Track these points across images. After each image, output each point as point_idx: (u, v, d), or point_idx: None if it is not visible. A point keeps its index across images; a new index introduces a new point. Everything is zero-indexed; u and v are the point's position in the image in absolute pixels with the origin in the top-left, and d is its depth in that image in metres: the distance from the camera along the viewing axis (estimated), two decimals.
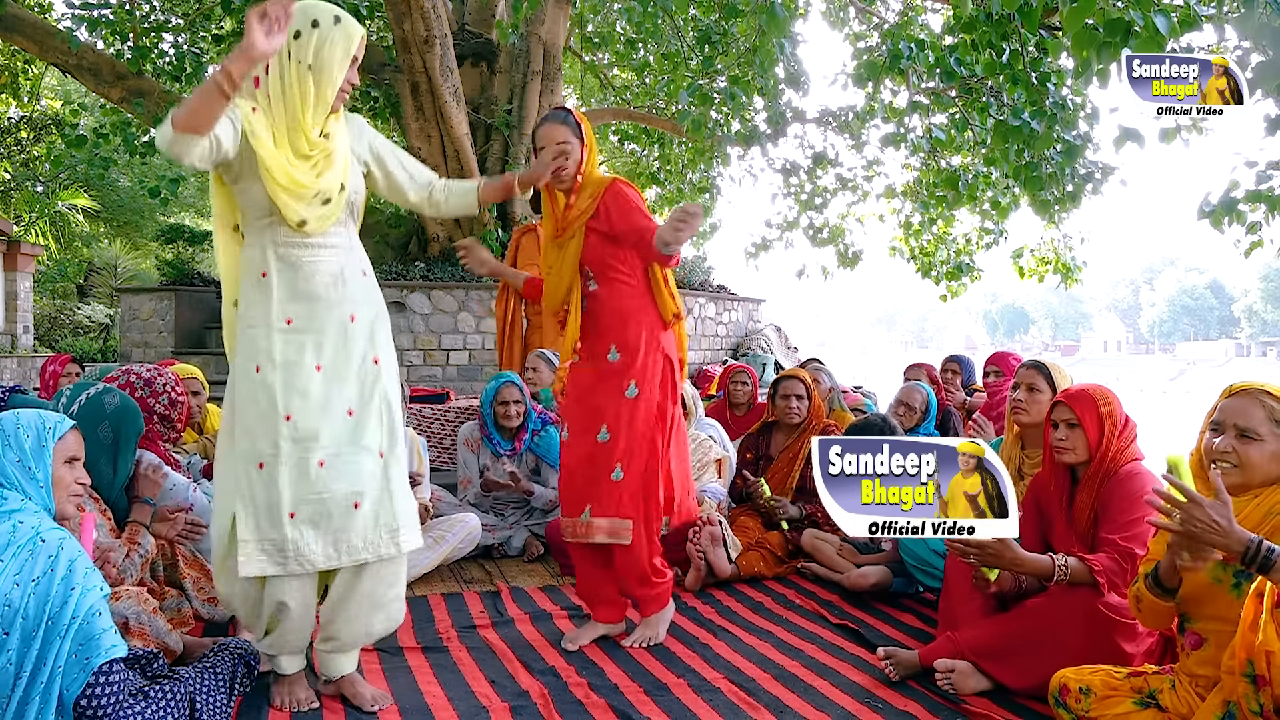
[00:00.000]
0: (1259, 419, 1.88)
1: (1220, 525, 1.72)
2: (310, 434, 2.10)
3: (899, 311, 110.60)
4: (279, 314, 2.13)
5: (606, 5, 9.89)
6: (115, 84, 7.60)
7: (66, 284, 16.68)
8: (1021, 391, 2.91)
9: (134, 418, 2.62)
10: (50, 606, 1.71)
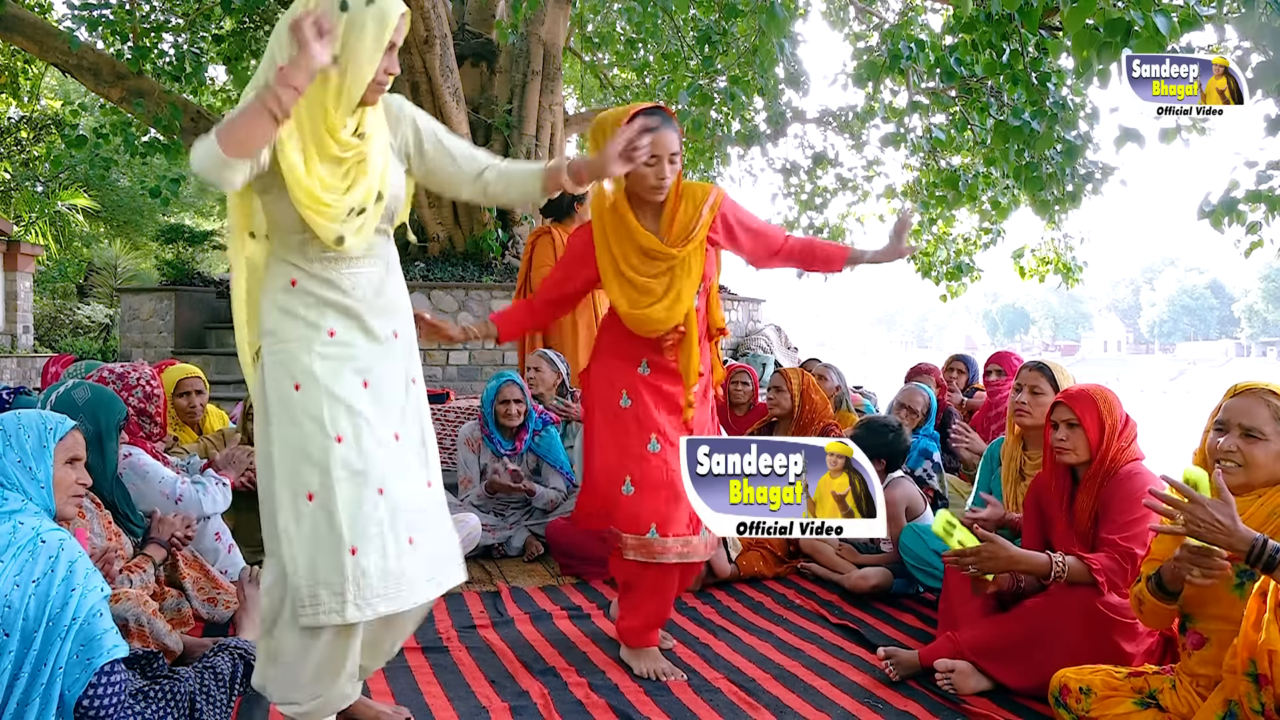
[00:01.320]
0: (1264, 418, 1.88)
1: (1224, 524, 1.71)
2: (363, 459, 1.83)
3: (899, 311, 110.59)
4: (317, 328, 1.86)
5: (606, 5, 9.90)
6: (115, 84, 7.60)
7: (66, 284, 16.68)
8: (1025, 394, 2.91)
9: (109, 405, 2.57)
10: (51, 607, 1.71)
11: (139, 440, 2.89)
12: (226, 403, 5.80)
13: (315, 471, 1.79)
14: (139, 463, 2.81)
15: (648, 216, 2.52)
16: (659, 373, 2.59)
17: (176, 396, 3.88)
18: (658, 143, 2.34)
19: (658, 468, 2.50)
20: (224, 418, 4.36)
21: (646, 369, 2.59)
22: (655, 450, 2.51)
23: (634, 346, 2.59)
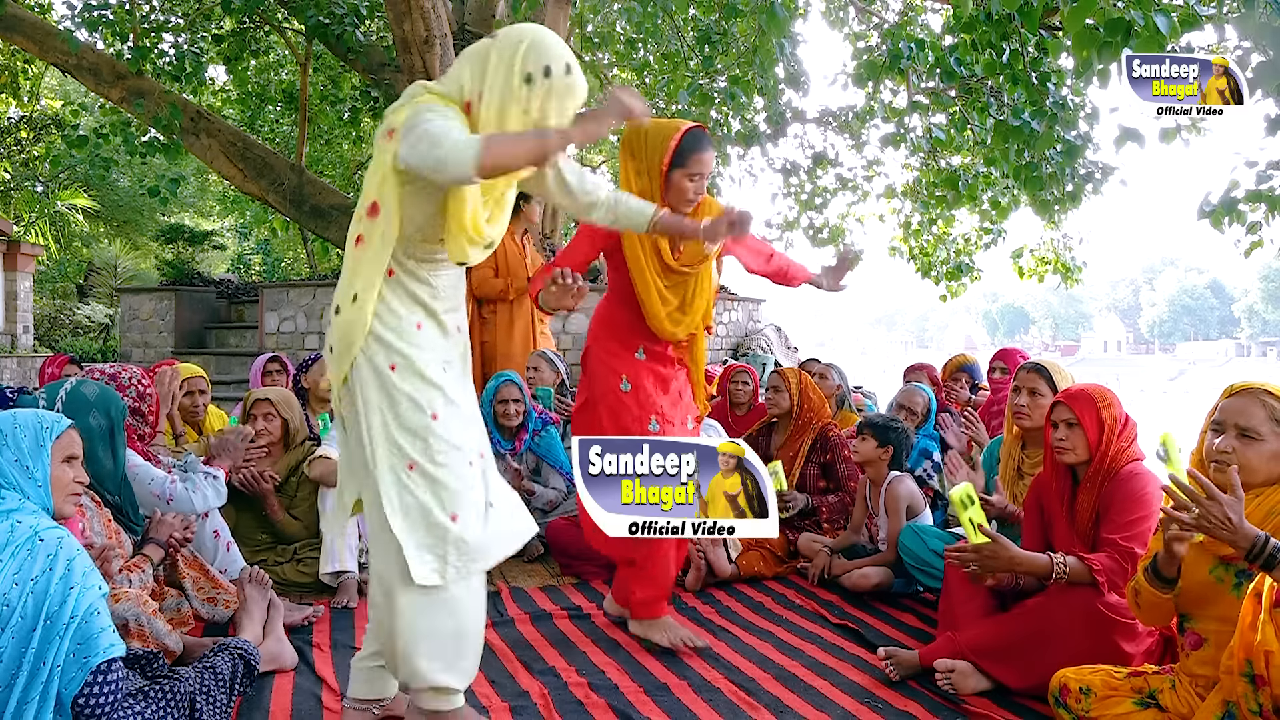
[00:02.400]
0: (1260, 419, 1.88)
1: (1231, 521, 1.72)
2: (457, 434, 1.96)
3: (899, 311, 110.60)
4: (407, 319, 1.97)
5: (606, 5, 9.89)
6: (115, 84, 7.60)
7: (66, 284, 16.67)
8: (1023, 396, 2.91)
9: (116, 400, 2.60)
10: (49, 605, 1.71)
11: (131, 441, 2.89)
12: (226, 403, 5.81)
13: (417, 443, 1.90)
14: (130, 464, 2.80)
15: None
16: (654, 359, 2.80)
17: (181, 396, 3.88)
18: (702, 161, 2.58)
19: None
20: (224, 418, 4.36)
21: (643, 354, 2.79)
22: (655, 429, 2.69)
23: (631, 334, 2.78)
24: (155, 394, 3.04)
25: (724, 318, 10.57)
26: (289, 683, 2.44)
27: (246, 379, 7.00)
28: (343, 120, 10.06)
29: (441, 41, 6.89)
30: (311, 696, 2.36)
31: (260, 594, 2.66)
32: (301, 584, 3.27)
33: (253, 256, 15.89)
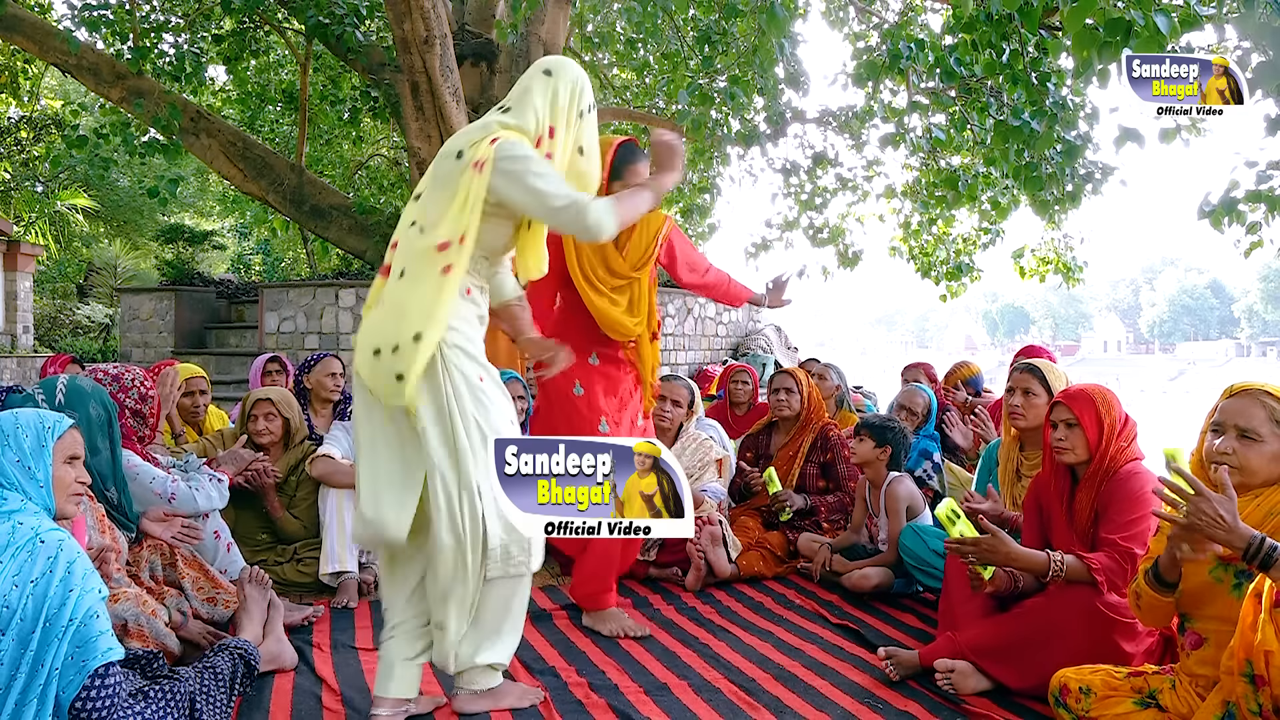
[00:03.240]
0: (1260, 419, 1.88)
1: (1225, 520, 1.72)
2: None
3: (899, 311, 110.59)
4: (477, 335, 2.19)
5: (606, 5, 9.89)
6: (115, 84, 7.60)
7: (66, 284, 16.67)
8: (1017, 396, 2.91)
9: (107, 394, 2.64)
10: (48, 608, 1.71)
11: (130, 443, 2.88)
12: (226, 403, 5.81)
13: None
14: (129, 464, 2.80)
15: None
16: (606, 363, 2.95)
17: (181, 396, 3.88)
18: (636, 172, 2.74)
19: None
20: (224, 418, 4.36)
21: (596, 359, 2.94)
22: (605, 431, 2.85)
23: (585, 339, 2.91)
24: (157, 396, 3.04)
25: (724, 318, 10.57)
26: (289, 683, 2.44)
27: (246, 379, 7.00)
28: (343, 120, 10.06)
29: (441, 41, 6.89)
30: (311, 696, 2.36)
31: (260, 594, 2.66)
32: (301, 584, 3.27)
33: (253, 256, 15.88)
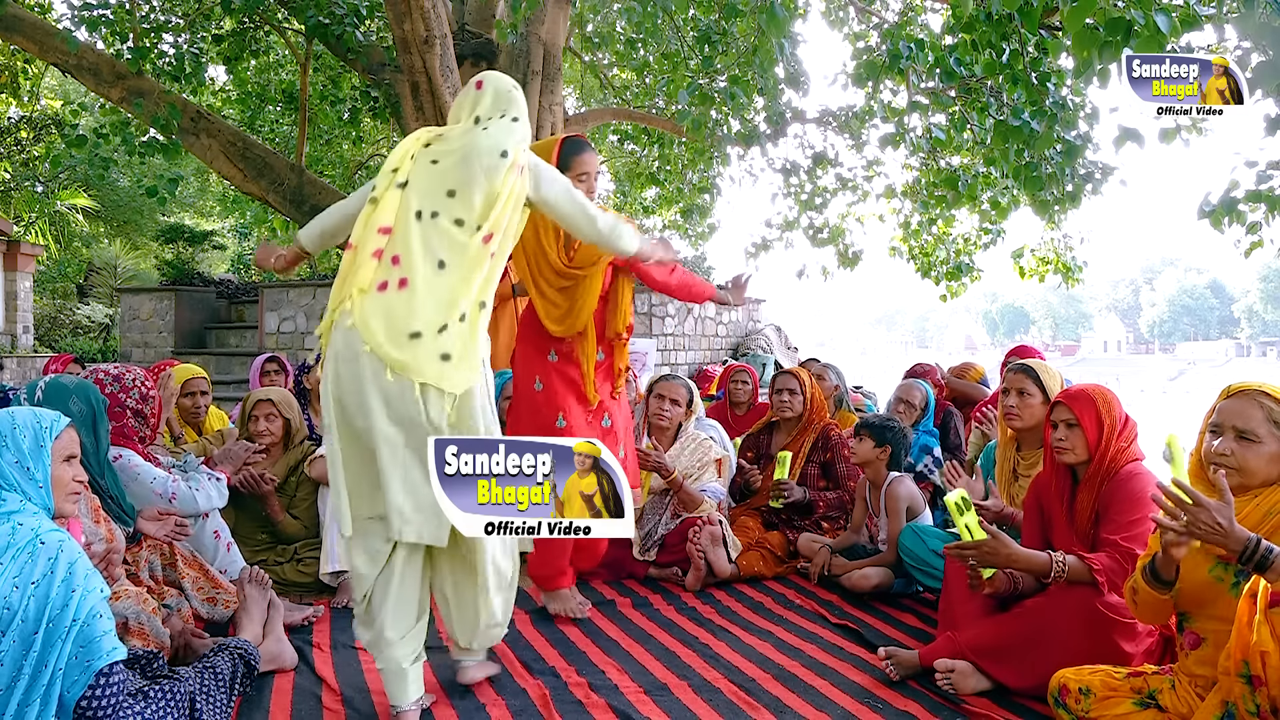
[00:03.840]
0: (1257, 420, 1.88)
1: (1222, 526, 1.72)
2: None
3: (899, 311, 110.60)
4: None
5: (606, 5, 9.88)
6: (115, 84, 7.59)
7: (66, 284, 16.67)
8: (1012, 396, 2.91)
9: (96, 389, 2.60)
10: (50, 609, 1.71)
11: (131, 443, 2.88)
12: (227, 403, 5.81)
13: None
14: (130, 464, 2.80)
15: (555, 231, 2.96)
16: (564, 361, 3.06)
17: (182, 396, 3.88)
18: (583, 162, 2.85)
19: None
20: (224, 418, 4.36)
21: (554, 356, 3.06)
22: (562, 426, 2.97)
23: (544, 338, 3.05)
24: (158, 396, 3.04)
25: (724, 318, 10.57)
26: (289, 683, 2.45)
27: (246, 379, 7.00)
28: (343, 120, 10.06)
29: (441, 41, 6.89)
30: (311, 696, 2.36)
31: (260, 594, 2.66)
32: (301, 584, 3.27)
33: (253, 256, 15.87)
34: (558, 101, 8.66)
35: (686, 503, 3.54)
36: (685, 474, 3.58)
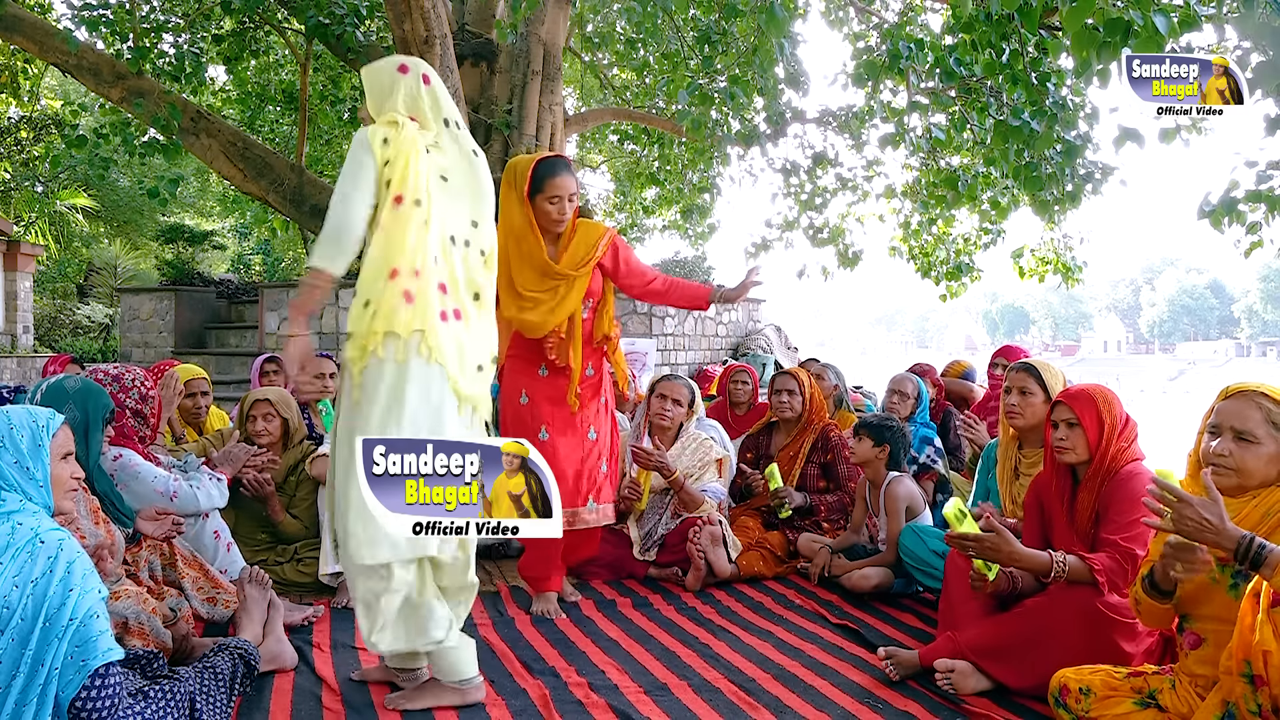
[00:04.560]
0: (1256, 421, 1.87)
1: (1212, 523, 1.72)
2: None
3: (899, 311, 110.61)
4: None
5: (606, 5, 9.89)
6: (115, 84, 7.59)
7: (66, 284, 16.67)
8: (1014, 395, 2.91)
9: (98, 396, 2.58)
10: (48, 608, 1.71)
11: (132, 443, 2.88)
12: (226, 403, 5.81)
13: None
14: (130, 464, 2.80)
15: (547, 243, 3.04)
16: (554, 374, 3.13)
17: (183, 397, 3.88)
18: (557, 185, 2.94)
19: (547, 453, 2.88)
20: (224, 418, 4.36)
21: (545, 370, 3.13)
22: (545, 438, 3.06)
23: (534, 352, 3.12)
24: (158, 396, 3.04)
25: (724, 318, 10.57)
26: (289, 683, 2.44)
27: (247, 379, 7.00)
28: (343, 120, 10.06)
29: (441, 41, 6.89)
30: (311, 696, 2.36)
31: (260, 594, 2.66)
32: (301, 584, 3.27)
33: (253, 256, 15.88)
34: (558, 101, 8.67)
35: (687, 503, 3.54)
36: (686, 474, 3.58)
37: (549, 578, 3.18)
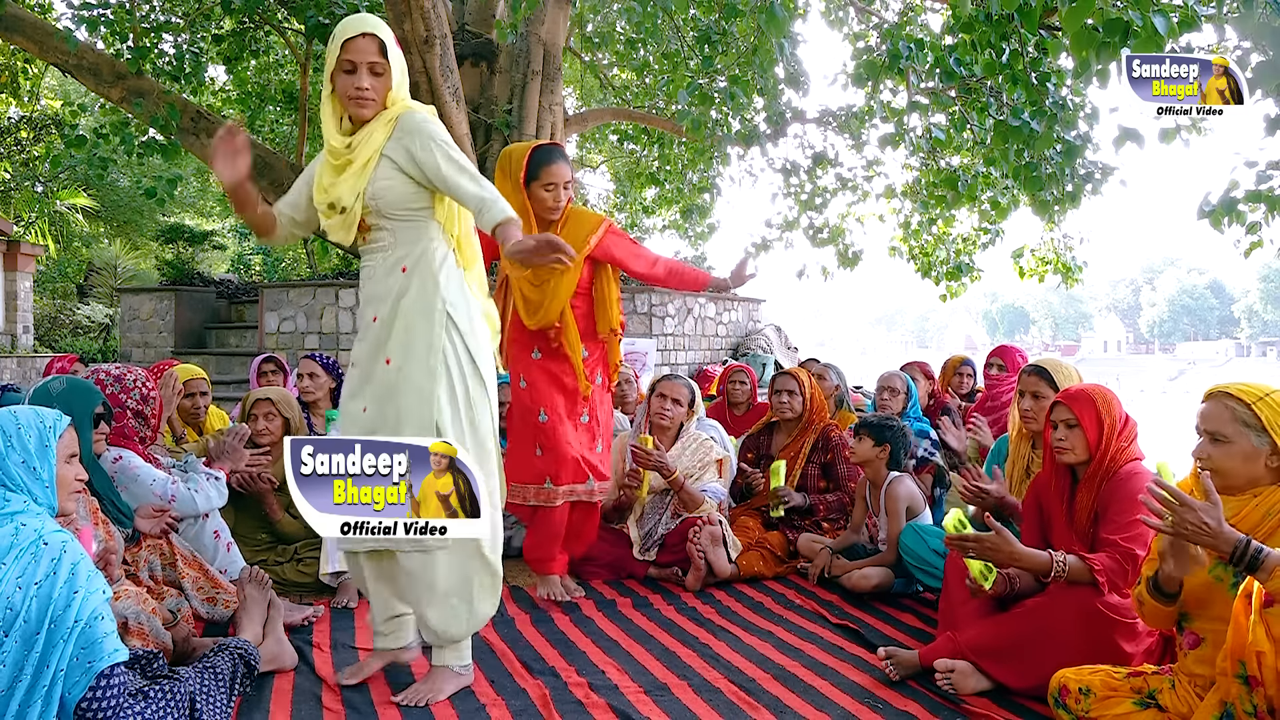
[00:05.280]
0: (1224, 420, 1.92)
1: (1210, 526, 1.73)
2: (345, 427, 2.35)
3: (899, 311, 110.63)
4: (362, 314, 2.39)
5: (606, 5, 9.89)
6: (115, 84, 7.59)
7: (66, 284, 16.68)
8: (1028, 400, 2.91)
9: (84, 396, 2.58)
10: (53, 610, 1.71)
11: (132, 444, 2.88)
12: (227, 403, 5.81)
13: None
14: (130, 465, 2.80)
15: (538, 229, 3.06)
16: (548, 357, 3.20)
17: (183, 397, 3.88)
18: (552, 172, 3.00)
19: (549, 434, 3.16)
20: (224, 418, 4.36)
21: (538, 354, 3.20)
22: (544, 420, 3.16)
23: (528, 337, 3.19)
24: (159, 397, 3.04)
25: (724, 318, 10.57)
26: (289, 683, 2.45)
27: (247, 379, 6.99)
28: None
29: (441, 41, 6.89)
30: (311, 696, 2.36)
31: (260, 594, 2.66)
32: (301, 584, 3.27)
33: (253, 256, 15.88)
34: (558, 101, 8.68)
35: (687, 503, 3.54)
36: (686, 474, 3.58)
37: (553, 559, 3.25)
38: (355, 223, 2.27)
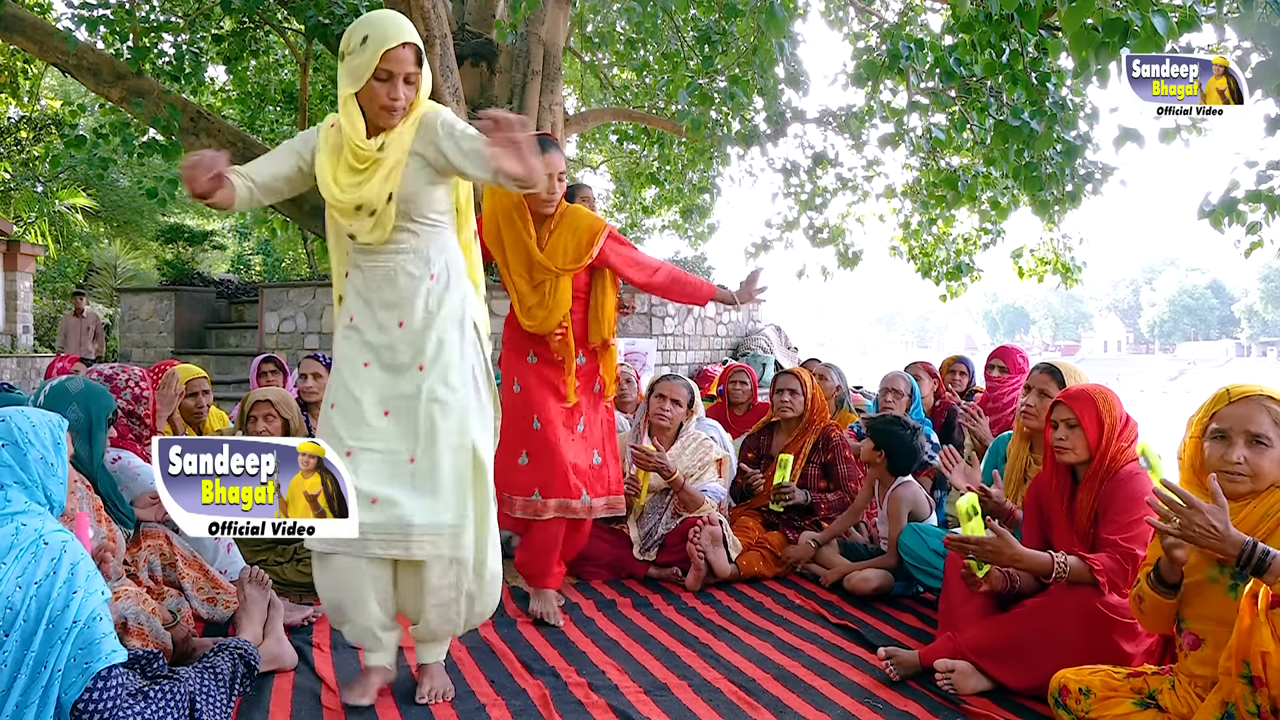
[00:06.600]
0: (1267, 424, 1.87)
1: (1217, 529, 1.72)
2: (343, 427, 2.23)
3: (899, 311, 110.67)
4: (345, 312, 2.32)
5: (606, 5, 9.89)
6: (115, 84, 7.60)
7: (66, 284, 16.67)
8: (1033, 396, 2.90)
9: (100, 397, 2.59)
10: (52, 610, 1.71)
11: (129, 443, 2.88)
12: (226, 403, 5.81)
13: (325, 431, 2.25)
14: (129, 465, 2.81)
15: (535, 225, 3.01)
16: (543, 363, 3.12)
17: (185, 397, 3.88)
18: (550, 163, 2.85)
19: (541, 441, 3.04)
20: (224, 418, 4.36)
21: (533, 358, 3.13)
22: (537, 428, 3.04)
23: (523, 340, 3.12)
24: (152, 396, 3.04)
25: (724, 318, 10.57)
26: (289, 683, 2.44)
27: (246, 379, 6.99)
28: None
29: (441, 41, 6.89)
30: (311, 696, 2.36)
31: (260, 594, 2.66)
32: (301, 584, 3.26)
33: (253, 256, 15.90)
34: (558, 101, 8.67)
35: (687, 503, 3.54)
36: (686, 474, 3.58)
37: (546, 573, 3.10)
38: (389, 223, 2.21)
